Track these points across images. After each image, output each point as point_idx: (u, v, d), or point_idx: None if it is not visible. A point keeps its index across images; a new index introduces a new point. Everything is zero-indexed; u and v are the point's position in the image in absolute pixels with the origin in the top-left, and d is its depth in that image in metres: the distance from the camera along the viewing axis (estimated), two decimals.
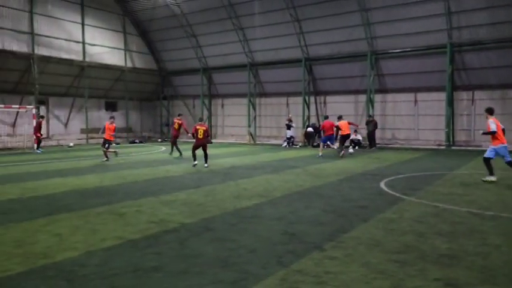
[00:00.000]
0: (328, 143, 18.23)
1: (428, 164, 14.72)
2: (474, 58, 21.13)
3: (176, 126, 18.97)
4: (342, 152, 17.84)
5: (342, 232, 5.84)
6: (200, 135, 13.94)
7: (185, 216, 6.87)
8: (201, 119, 15.30)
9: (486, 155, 10.59)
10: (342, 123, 18.47)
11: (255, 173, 12.43)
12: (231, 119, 30.29)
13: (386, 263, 4.58)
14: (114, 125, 16.68)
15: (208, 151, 14.19)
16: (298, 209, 7.43)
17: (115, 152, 17.21)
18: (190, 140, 17.05)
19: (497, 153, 10.45)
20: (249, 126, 28.39)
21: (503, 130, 10.71)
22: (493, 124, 10.56)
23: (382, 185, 10.04)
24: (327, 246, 5.21)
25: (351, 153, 19.03)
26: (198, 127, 14.11)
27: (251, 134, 28.42)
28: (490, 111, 11.06)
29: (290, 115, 25.84)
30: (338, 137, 18.34)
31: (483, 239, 5.46)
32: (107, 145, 16.28)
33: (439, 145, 22.18)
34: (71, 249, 5.08)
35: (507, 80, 20.56)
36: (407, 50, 22.36)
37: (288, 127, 25.22)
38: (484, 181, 10.39)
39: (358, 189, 9.52)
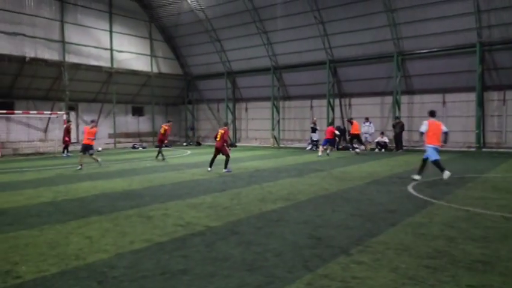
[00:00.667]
0: (325, 146, 20.39)
1: (458, 167, 14.31)
2: (505, 57, 20.45)
3: (162, 131, 19.40)
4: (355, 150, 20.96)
5: (369, 236, 5.75)
6: (218, 139, 13.99)
7: (211, 219, 6.93)
8: (225, 124, 15.40)
9: (431, 158, 11.10)
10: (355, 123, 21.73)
11: (279, 176, 12.41)
12: (255, 123, 30.36)
13: (416, 268, 4.48)
14: (95, 129, 15.44)
15: (227, 155, 13.78)
16: (325, 212, 7.37)
17: (96, 160, 15.49)
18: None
19: (436, 151, 11.16)
20: (273, 129, 28.39)
21: (446, 133, 11.37)
22: (424, 126, 11.36)
23: (410, 188, 9.84)
24: (354, 250, 5.15)
25: (357, 153, 20.72)
26: (218, 130, 14.35)
27: (275, 137, 28.41)
28: (430, 113, 11.97)
29: (315, 118, 25.69)
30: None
31: None
32: (90, 151, 15.07)
33: (469, 147, 21.54)
34: (101, 251, 5.21)
35: None
36: (434, 50, 21.86)
37: (313, 130, 25.08)
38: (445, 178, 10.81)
39: (385, 192, 9.36)
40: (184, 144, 32.09)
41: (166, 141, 19.71)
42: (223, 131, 14.07)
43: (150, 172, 14.06)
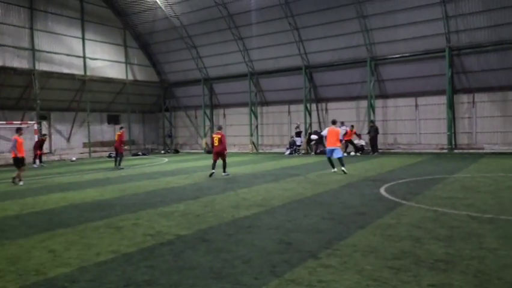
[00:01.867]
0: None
1: (430, 168, 14.62)
2: (473, 61, 21.10)
3: (116, 138, 19.36)
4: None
5: (339, 239, 5.79)
6: (216, 143, 14.26)
7: (182, 227, 6.85)
8: (219, 128, 15.45)
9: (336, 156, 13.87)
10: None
11: (255, 182, 12.40)
12: (233, 129, 30.32)
13: (381, 269, 4.52)
14: (21, 139, 13.86)
15: (226, 159, 14.52)
16: (297, 217, 7.39)
17: (18, 178, 13.62)
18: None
19: (330, 151, 14.04)
20: (251, 135, 28.42)
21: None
22: (325, 131, 14.51)
23: (382, 190, 9.97)
24: (322, 254, 5.17)
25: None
26: (213, 135, 14.59)
27: (253, 143, 28.43)
28: (332, 122, 14.70)
29: (299, 122, 25.80)
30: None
31: (480, 242, 5.39)
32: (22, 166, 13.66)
33: (441, 149, 22.06)
34: (64, 265, 5.06)
35: (507, 82, 20.48)
36: (406, 55, 22.38)
37: (298, 134, 25.28)
38: (344, 172, 13.33)
39: (358, 195, 9.46)
40: (162, 152, 31.75)
41: (121, 149, 19.18)
42: (219, 136, 14.25)
43: (124, 181, 13.83)
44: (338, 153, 13.86)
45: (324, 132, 14.49)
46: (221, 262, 4.97)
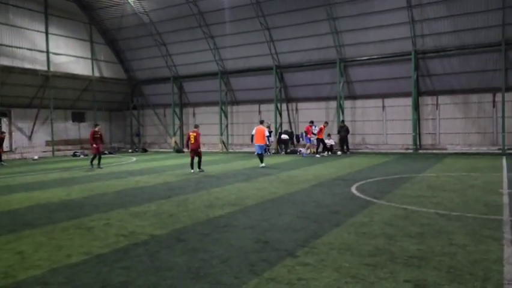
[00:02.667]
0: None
1: (397, 168, 15.06)
2: (437, 64, 21.93)
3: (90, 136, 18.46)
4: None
5: (315, 238, 5.85)
6: (192, 141, 14.72)
7: (155, 227, 6.71)
8: (196, 126, 15.52)
9: (257, 152, 16.60)
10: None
11: (227, 182, 12.35)
12: (203, 128, 29.67)
13: (358, 266, 4.61)
14: None
15: (202, 156, 15.30)
16: (272, 216, 7.41)
17: None
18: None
19: (259, 147, 16.62)
20: (221, 134, 28.29)
21: (268, 136, 17.90)
22: (254, 130, 17.41)
23: (353, 189, 10.17)
24: (300, 252, 5.21)
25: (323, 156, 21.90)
26: (190, 133, 14.92)
27: (223, 142, 28.31)
28: (260, 122, 17.80)
29: (269, 122, 25.89)
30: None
31: (450, 239, 5.59)
32: None
33: (407, 149, 22.78)
34: (34, 267, 4.84)
35: (469, 85, 21.42)
36: (374, 57, 22.95)
37: (269, 134, 25.34)
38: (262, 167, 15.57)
39: (330, 194, 9.60)
40: (130, 150, 31.06)
41: (95, 146, 17.53)
42: (195, 134, 14.67)
43: (92, 180, 13.41)
44: (259, 150, 16.45)
45: (253, 132, 16.87)
46: (199, 262, 4.91)
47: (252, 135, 18.54)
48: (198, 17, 26.12)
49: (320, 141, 23.04)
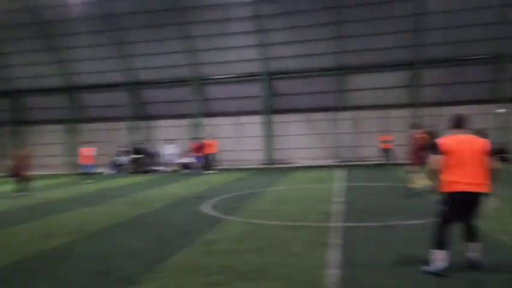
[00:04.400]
0: None
1: (250, 183, 15.76)
2: (285, 85, 23.99)
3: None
4: None
5: (161, 261, 5.61)
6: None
7: None
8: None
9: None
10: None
11: (70, 207, 11.13)
12: (45, 148, 26.84)
13: (201, 287, 4.54)
14: None
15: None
16: (118, 242, 6.90)
17: None
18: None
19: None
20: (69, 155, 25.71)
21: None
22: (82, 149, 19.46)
23: (207, 207, 10.20)
24: (143, 278, 4.92)
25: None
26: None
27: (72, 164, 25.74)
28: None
29: (126, 141, 24.59)
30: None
31: (288, 249, 5.98)
32: None
33: (260, 164, 24.17)
34: None
35: (311, 104, 23.95)
36: (227, 76, 23.99)
37: (125, 153, 24.16)
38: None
39: (183, 214, 9.45)
40: None
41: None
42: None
43: None
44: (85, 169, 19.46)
45: (81, 152, 19.57)
46: None
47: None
48: (41, 26, 23.57)
49: (204, 157, 22.42)
